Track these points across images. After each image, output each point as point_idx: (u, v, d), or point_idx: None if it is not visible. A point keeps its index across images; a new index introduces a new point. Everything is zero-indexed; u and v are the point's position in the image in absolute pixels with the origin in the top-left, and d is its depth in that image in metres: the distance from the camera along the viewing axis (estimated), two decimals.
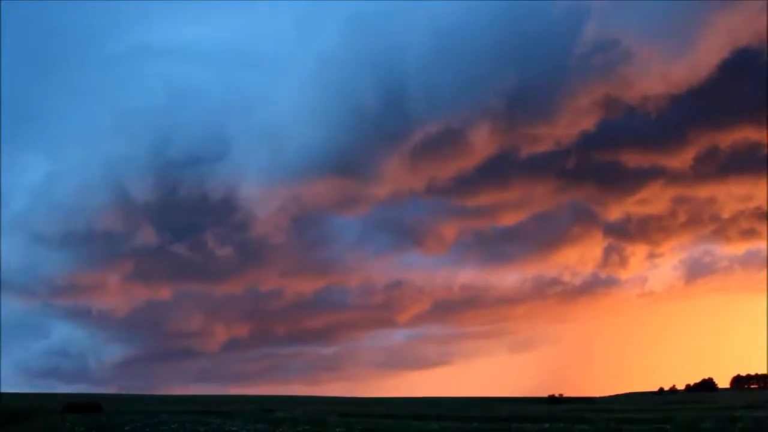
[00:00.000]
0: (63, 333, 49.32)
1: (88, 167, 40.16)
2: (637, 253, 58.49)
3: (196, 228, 40.64)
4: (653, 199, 47.80)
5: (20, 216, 41.90)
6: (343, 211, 43.25)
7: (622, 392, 48.12)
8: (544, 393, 40.01)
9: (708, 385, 47.88)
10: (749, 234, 50.33)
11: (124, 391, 48.35)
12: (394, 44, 33.40)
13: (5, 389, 47.66)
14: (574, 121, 36.75)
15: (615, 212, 52.26)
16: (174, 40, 49.25)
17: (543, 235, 51.72)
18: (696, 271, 56.24)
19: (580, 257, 58.03)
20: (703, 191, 48.79)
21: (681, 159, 42.82)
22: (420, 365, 58.36)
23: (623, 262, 52.95)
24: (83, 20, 51.25)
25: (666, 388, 48.27)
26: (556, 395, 39.96)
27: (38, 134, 54.54)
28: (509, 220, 48.60)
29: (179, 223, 40.52)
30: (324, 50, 36.65)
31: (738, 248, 57.18)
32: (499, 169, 41.00)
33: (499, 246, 52.49)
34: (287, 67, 39.78)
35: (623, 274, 56.53)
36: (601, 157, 44.02)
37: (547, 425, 12.43)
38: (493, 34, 33.28)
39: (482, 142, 35.68)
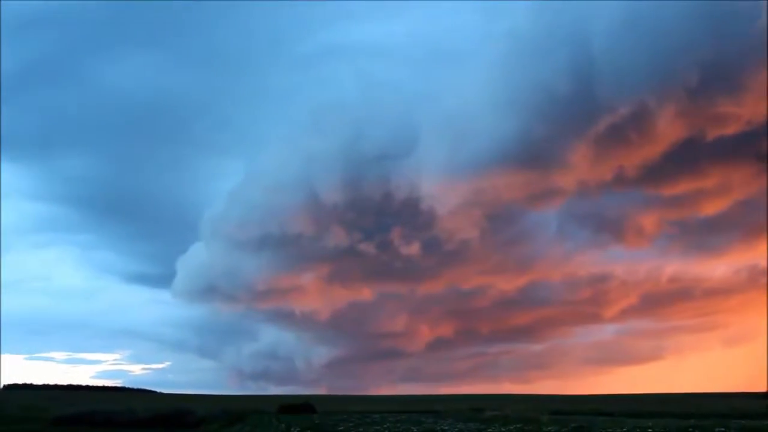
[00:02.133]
0: (270, 336, 51.26)
1: (283, 169, 41.49)
2: None
3: (383, 227, 40.99)
4: None
5: (219, 221, 43.92)
6: (535, 204, 42.38)
7: None
8: (761, 388, 37.66)
9: None
10: None
11: (333, 392, 50.79)
12: (580, 19, 32.20)
13: (222, 392, 50.76)
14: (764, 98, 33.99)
15: None
16: (362, 38, 50.35)
17: (749, 223, 48.48)
18: None
19: None
20: None
21: None
22: (630, 361, 56.55)
23: None
24: (272, 22, 53.17)
25: None
26: None
27: (235, 140, 57.27)
28: (711, 208, 45.81)
29: (367, 223, 41.08)
30: (509, 34, 35.98)
31: None
32: (689, 155, 38.51)
33: (703, 236, 49.77)
34: (474, 56, 39.48)
35: None
36: None
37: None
38: (683, 6, 31.39)
39: (669, 126, 33.72)
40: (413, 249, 41.46)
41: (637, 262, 51.85)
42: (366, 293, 48.69)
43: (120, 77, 55.50)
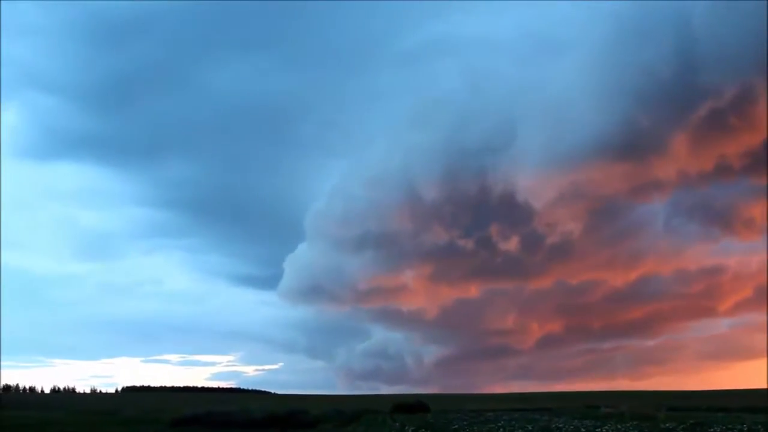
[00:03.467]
0: (379, 335, 51.39)
1: (383, 165, 41.69)
2: None
3: (482, 223, 40.68)
4: None
5: (320, 219, 44.38)
6: (639, 197, 41.38)
7: None
8: None
9: None
10: None
11: (445, 391, 50.49)
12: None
13: (334, 392, 51.40)
14: None
15: None
16: (463, 32, 50.19)
17: None
18: None
19: None
20: None
21: None
22: (747, 355, 54.59)
23: None
24: (373, 21, 53.44)
25: None
26: None
27: (340, 139, 57.85)
28: None
29: (466, 219, 40.89)
30: (611, 16, 35.21)
31: None
32: None
33: None
34: (576, 44, 38.79)
35: None
36: None
37: None
38: None
39: None
40: (521, 245, 41.11)
41: (750, 254, 49.97)
42: (473, 291, 48.52)
43: (224, 80, 56.88)
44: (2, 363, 63.36)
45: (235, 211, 61.06)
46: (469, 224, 40.58)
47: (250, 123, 58.33)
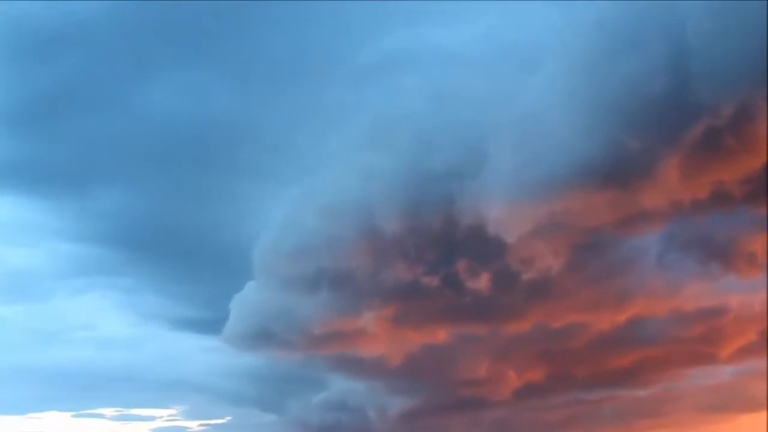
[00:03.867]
0: (337, 386, 47.20)
1: (338, 193, 37.21)
2: None
3: (448, 259, 36.03)
4: None
5: (271, 256, 39.86)
6: (627, 230, 36.58)
7: None
8: None
9: None
10: None
11: None
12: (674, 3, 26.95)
13: None
14: None
15: None
16: (427, 43, 46.08)
17: None
18: None
19: None
20: None
21: None
22: (754, 407, 49.79)
23: None
24: (326, 31, 49.18)
25: None
26: None
27: (290, 163, 52.81)
28: None
29: (432, 254, 36.18)
30: (594, 25, 31.06)
31: None
32: None
33: None
34: (554, 58, 34.52)
35: None
36: None
37: None
38: None
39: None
40: (483, 282, 36.31)
41: (752, 293, 45.30)
42: (441, 335, 43.63)
43: (160, 99, 51.44)
44: None
45: (174, 246, 55.55)
46: (436, 260, 35.88)
47: (190, 146, 52.84)
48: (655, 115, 28.25)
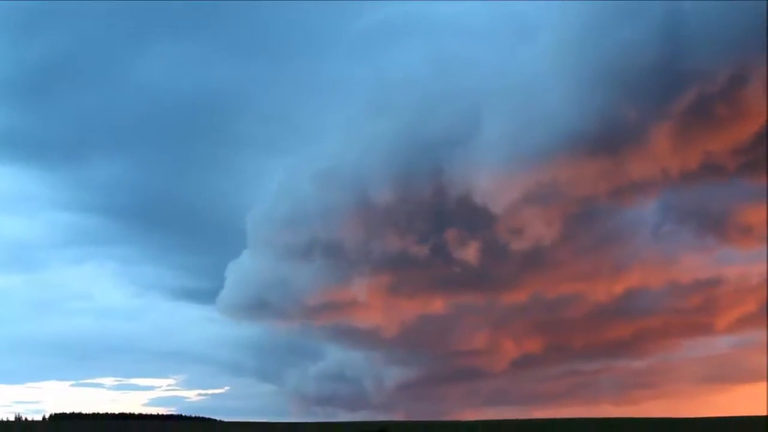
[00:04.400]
0: (334, 356, 46.69)
1: (335, 164, 36.58)
2: None
3: (439, 229, 35.41)
4: None
5: (264, 226, 39.42)
6: (616, 199, 36.01)
7: None
8: None
9: None
10: None
11: (411, 417, 47.03)
12: None
13: (288, 419, 46.51)
14: None
15: None
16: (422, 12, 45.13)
17: None
18: None
19: None
20: None
21: None
22: (750, 378, 49.21)
23: None
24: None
25: None
26: None
27: (285, 133, 52.33)
28: None
29: (425, 225, 35.68)
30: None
31: None
32: None
33: None
34: (545, 26, 33.80)
35: None
36: None
37: None
38: None
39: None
40: (487, 254, 35.45)
41: (751, 264, 44.45)
42: (437, 305, 43.09)
43: (155, 71, 51.31)
44: None
45: (171, 217, 55.36)
46: (425, 230, 35.41)
47: (183, 118, 52.74)
48: (647, 83, 27.87)
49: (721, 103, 28.84)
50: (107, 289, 61.69)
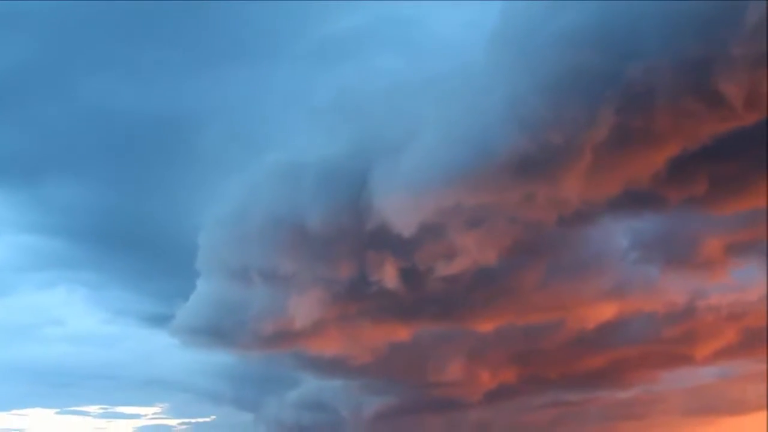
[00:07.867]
0: (308, 384, 45.31)
1: (268, 188, 34.45)
2: None
3: (359, 255, 32.52)
4: None
5: (210, 249, 37.50)
6: (570, 223, 31.97)
7: None
8: None
9: None
10: None
11: None
12: None
13: None
14: None
15: None
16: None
17: None
18: None
19: None
20: None
21: None
22: (737, 410, 45.49)
23: None
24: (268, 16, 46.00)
25: None
26: None
27: (247, 152, 50.15)
28: None
29: (344, 251, 32.77)
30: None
31: None
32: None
33: None
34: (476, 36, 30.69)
35: None
36: None
37: None
38: None
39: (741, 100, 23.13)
40: (390, 279, 32.58)
41: (731, 292, 40.26)
42: (402, 334, 40.22)
43: (112, 85, 48.96)
44: None
45: (135, 240, 53.23)
46: (348, 256, 32.57)
47: (146, 135, 50.45)
48: (577, 91, 24.48)
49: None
50: (79, 315, 59.90)
